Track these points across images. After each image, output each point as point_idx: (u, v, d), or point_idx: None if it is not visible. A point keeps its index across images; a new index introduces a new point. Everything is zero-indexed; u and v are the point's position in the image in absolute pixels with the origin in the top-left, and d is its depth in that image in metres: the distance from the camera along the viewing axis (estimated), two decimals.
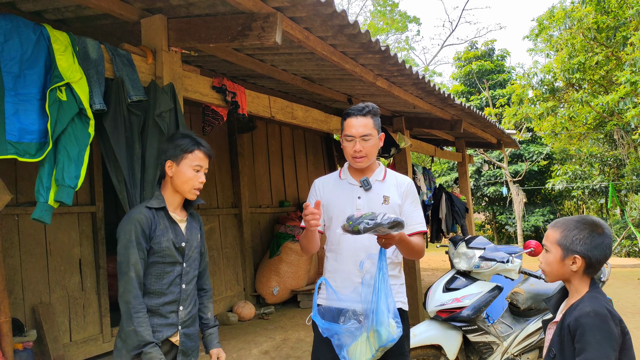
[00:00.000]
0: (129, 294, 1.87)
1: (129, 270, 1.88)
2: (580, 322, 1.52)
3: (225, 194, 6.60)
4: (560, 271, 1.65)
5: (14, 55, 2.06)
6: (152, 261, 1.97)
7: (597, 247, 1.59)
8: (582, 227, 1.62)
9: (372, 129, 2.19)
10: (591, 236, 1.60)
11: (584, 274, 1.63)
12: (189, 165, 2.02)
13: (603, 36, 10.48)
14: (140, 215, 1.94)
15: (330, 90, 5.16)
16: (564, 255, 1.62)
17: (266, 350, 4.86)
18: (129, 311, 1.85)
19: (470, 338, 3.27)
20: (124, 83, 2.51)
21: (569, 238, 1.62)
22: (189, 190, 2.05)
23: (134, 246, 1.89)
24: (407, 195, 2.27)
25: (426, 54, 41.60)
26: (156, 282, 1.98)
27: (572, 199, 16.43)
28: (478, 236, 3.64)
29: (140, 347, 1.84)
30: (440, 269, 10.68)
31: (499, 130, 7.52)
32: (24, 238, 4.15)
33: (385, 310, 1.94)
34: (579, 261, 1.60)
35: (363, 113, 2.19)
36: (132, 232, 1.90)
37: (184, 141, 2.04)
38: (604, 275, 3.91)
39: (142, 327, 1.85)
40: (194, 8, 2.79)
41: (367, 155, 2.20)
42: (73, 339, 4.41)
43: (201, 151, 2.06)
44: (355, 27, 2.97)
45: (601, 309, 1.53)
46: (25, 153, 2.05)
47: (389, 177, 2.30)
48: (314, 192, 2.36)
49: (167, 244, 1.98)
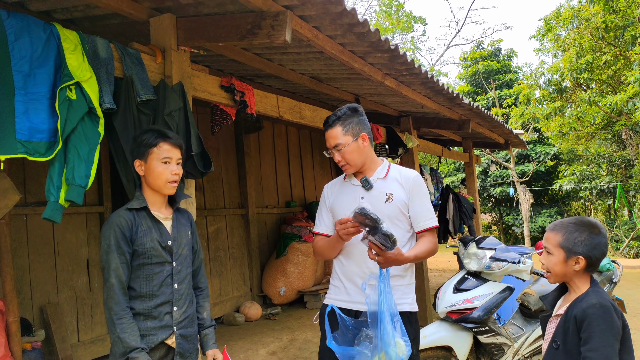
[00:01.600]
0: (110, 301, 1.83)
1: (109, 276, 1.84)
2: (587, 312, 1.64)
3: (232, 194, 6.59)
4: (564, 271, 1.76)
5: (24, 54, 2.05)
6: (139, 263, 1.92)
7: (596, 247, 1.71)
8: (582, 229, 1.74)
9: (341, 137, 2.17)
10: (590, 237, 1.72)
11: (584, 272, 1.76)
12: (157, 159, 1.95)
13: (611, 35, 10.40)
14: (119, 218, 1.89)
15: (338, 89, 5.14)
16: (567, 256, 1.74)
17: (273, 351, 4.84)
18: (111, 318, 1.82)
19: (481, 339, 3.24)
20: (134, 82, 2.50)
21: (570, 240, 1.73)
22: (163, 185, 1.97)
23: (113, 251, 1.85)
24: (414, 190, 2.18)
25: (432, 54, 41.53)
26: (146, 284, 1.93)
27: (579, 200, 16.32)
28: (488, 236, 3.60)
29: (126, 353, 1.80)
30: (447, 270, 10.63)
31: (506, 130, 7.47)
32: (32, 238, 4.15)
33: (391, 330, 1.89)
34: (582, 261, 1.72)
35: (330, 124, 2.21)
36: (111, 237, 1.86)
37: (146, 136, 1.98)
38: (616, 276, 3.86)
39: (125, 334, 1.81)
40: (203, 7, 2.78)
41: (348, 163, 2.20)
42: (81, 339, 4.42)
43: (167, 142, 1.98)
44: (365, 26, 2.95)
45: (606, 302, 1.65)
46: (35, 152, 2.04)
47: (393, 173, 2.24)
48: (323, 197, 2.37)
49: (151, 244, 1.93)
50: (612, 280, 3.82)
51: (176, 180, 2.00)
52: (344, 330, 2.05)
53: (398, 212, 2.16)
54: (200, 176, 2.78)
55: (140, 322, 1.90)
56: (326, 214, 2.33)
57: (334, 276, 2.29)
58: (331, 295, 2.27)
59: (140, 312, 1.91)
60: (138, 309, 1.91)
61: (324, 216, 2.33)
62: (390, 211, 2.14)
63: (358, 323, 2.04)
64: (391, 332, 1.89)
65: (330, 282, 2.33)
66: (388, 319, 1.91)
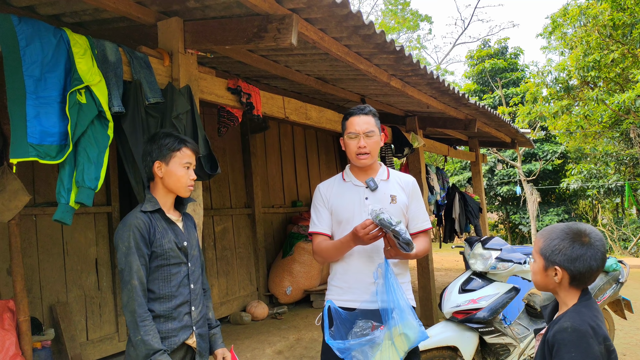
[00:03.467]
0: (133, 303, 1.82)
1: (131, 278, 1.83)
2: (556, 337, 1.44)
3: (238, 194, 6.63)
4: (545, 282, 1.55)
5: (36, 58, 2.08)
6: (157, 265, 1.93)
7: (578, 259, 1.46)
8: (564, 236, 1.50)
9: (374, 127, 2.24)
10: (572, 247, 1.48)
11: (570, 286, 1.52)
12: (179, 163, 1.99)
13: (619, 33, 10.32)
14: (136, 220, 1.89)
15: (344, 90, 5.16)
16: (546, 265, 1.53)
17: (280, 350, 4.87)
18: (134, 320, 1.81)
19: (487, 340, 3.25)
20: (142, 85, 2.53)
21: (549, 248, 1.51)
22: (183, 188, 2.02)
23: (134, 253, 1.84)
24: (414, 195, 2.31)
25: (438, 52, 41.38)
26: (165, 286, 1.94)
27: (587, 199, 16.22)
28: (494, 237, 3.61)
29: (149, 355, 1.80)
30: (453, 269, 10.62)
31: (513, 129, 7.45)
32: (41, 238, 4.21)
33: (408, 310, 1.95)
34: (560, 273, 1.49)
35: (365, 112, 2.25)
36: (130, 238, 1.85)
37: (168, 140, 2.01)
38: (622, 276, 3.85)
39: (149, 336, 1.81)
40: (210, 10, 2.81)
41: (370, 152, 2.22)
42: (89, 338, 4.47)
43: (188, 148, 2.03)
44: (371, 28, 2.97)
45: (581, 325, 1.42)
46: (46, 155, 2.08)
47: (393, 176, 2.34)
48: (319, 197, 2.32)
49: (169, 245, 1.95)
50: (618, 280, 3.82)
51: (193, 184, 2.06)
52: (339, 324, 2.07)
53: (400, 213, 2.23)
54: (207, 178, 2.80)
55: (160, 325, 1.90)
56: (326, 214, 2.28)
57: (335, 277, 2.27)
58: (333, 296, 2.25)
59: (161, 314, 1.91)
60: (158, 311, 1.90)
61: (324, 216, 2.28)
62: (394, 212, 2.19)
63: (352, 315, 2.07)
64: (408, 311, 1.95)
65: (329, 282, 2.32)
66: (403, 299, 1.98)
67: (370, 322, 2.01)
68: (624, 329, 5.14)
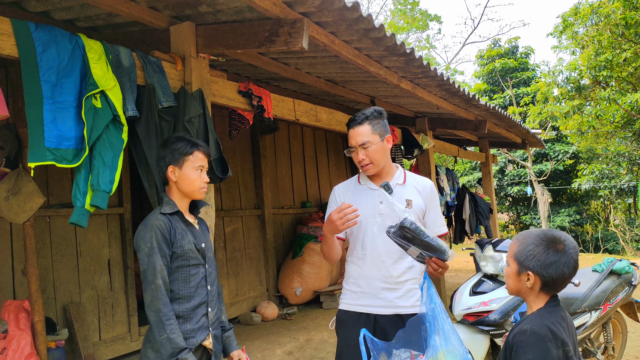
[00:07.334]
0: (158, 302, 1.84)
1: (155, 277, 1.85)
2: (515, 339, 1.47)
3: (248, 195, 6.66)
4: (517, 286, 1.57)
5: (52, 64, 2.12)
6: (177, 265, 1.95)
7: (551, 265, 1.49)
8: (539, 242, 1.52)
9: (370, 135, 2.17)
10: (546, 253, 1.50)
11: (540, 292, 1.54)
12: (192, 166, 2.02)
13: (631, 32, 10.21)
14: (158, 221, 1.92)
15: (354, 92, 5.17)
16: (519, 270, 1.54)
17: (290, 351, 4.89)
18: (160, 319, 1.82)
19: (498, 342, 3.24)
20: (155, 89, 2.57)
21: (523, 253, 1.53)
22: (197, 191, 2.05)
23: (157, 253, 1.87)
24: (431, 199, 2.27)
25: (447, 52, 41.23)
26: (184, 287, 1.96)
27: (598, 199, 16.07)
28: (505, 239, 3.60)
29: (175, 354, 1.81)
30: (463, 270, 10.58)
31: (523, 129, 7.41)
32: (55, 239, 4.27)
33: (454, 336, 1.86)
34: (532, 278, 1.52)
35: (359, 122, 2.20)
36: (153, 239, 1.88)
37: (181, 144, 2.04)
38: (635, 278, 3.81)
39: (175, 334, 1.83)
40: (222, 15, 2.83)
41: (372, 162, 2.19)
42: (102, 338, 4.52)
43: (200, 151, 2.06)
44: (381, 31, 2.98)
45: (540, 328, 1.43)
46: (63, 159, 2.12)
47: (409, 180, 2.30)
48: (334, 198, 2.34)
49: (189, 246, 1.98)
50: (631, 283, 3.78)
51: (206, 187, 2.09)
52: (376, 355, 2.01)
53: (416, 218, 2.18)
54: (218, 181, 2.83)
55: (179, 325, 1.91)
56: None
57: (349, 280, 2.28)
58: (348, 300, 2.26)
59: (179, 314, 1.93)
60: (177, 312, 1.92)
61: None
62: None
63: (389, 346, 2.01)
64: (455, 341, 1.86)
65: (343, 286, 2.33)
66: (449, 328, 1.89)
67: (409, 351, 1.95)
68: (636, 332, 5.09)
